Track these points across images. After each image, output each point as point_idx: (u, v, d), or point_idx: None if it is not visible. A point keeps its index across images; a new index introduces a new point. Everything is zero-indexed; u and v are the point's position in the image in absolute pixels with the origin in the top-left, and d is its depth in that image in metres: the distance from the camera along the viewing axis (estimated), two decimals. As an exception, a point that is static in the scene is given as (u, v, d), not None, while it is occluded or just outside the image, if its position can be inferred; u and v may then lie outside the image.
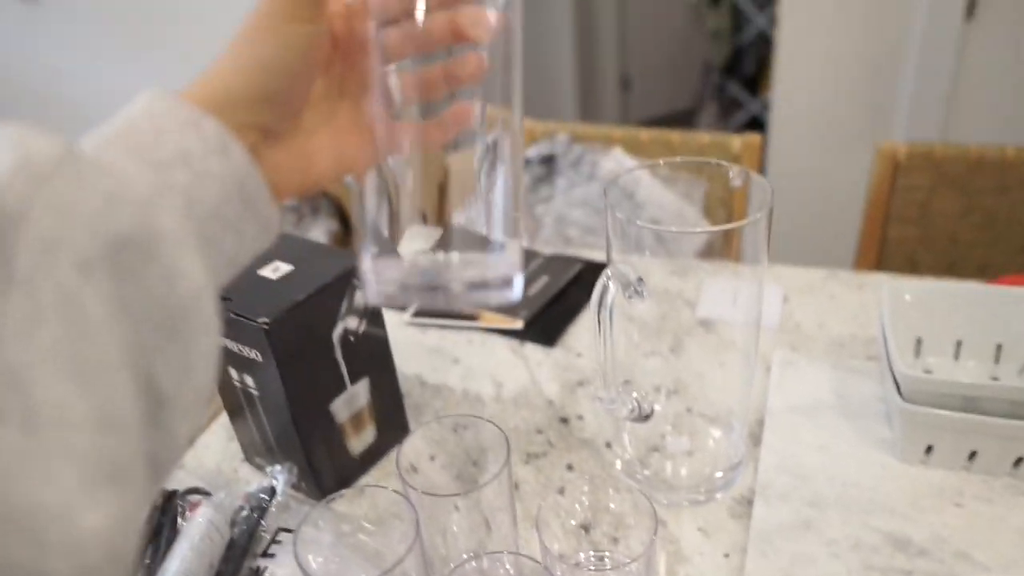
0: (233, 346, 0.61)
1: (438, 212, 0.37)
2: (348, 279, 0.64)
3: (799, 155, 1.89)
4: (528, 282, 0.96)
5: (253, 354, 0.60)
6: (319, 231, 1.84)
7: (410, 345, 0.88)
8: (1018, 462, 0.61)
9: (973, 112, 1.71)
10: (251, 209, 0.32)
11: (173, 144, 0.29)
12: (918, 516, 0.59)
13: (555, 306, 0.90)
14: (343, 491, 0.53)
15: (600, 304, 0.52)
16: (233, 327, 0.59)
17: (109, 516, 0.23)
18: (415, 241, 0.35)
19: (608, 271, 0.52)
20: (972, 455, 0.62)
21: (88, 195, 0.25)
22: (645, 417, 0.58)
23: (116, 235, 0.25)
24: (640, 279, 0.51)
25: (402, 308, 0.39)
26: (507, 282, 0.35)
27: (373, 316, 0.66)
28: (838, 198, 1.77)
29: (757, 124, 3.08)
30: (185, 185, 0.29)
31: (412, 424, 0.75)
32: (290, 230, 1.56)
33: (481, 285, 0.35)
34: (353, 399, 0.66)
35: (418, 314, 0.93)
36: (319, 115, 0.38)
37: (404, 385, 0.82)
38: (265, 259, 0.65)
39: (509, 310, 0.91)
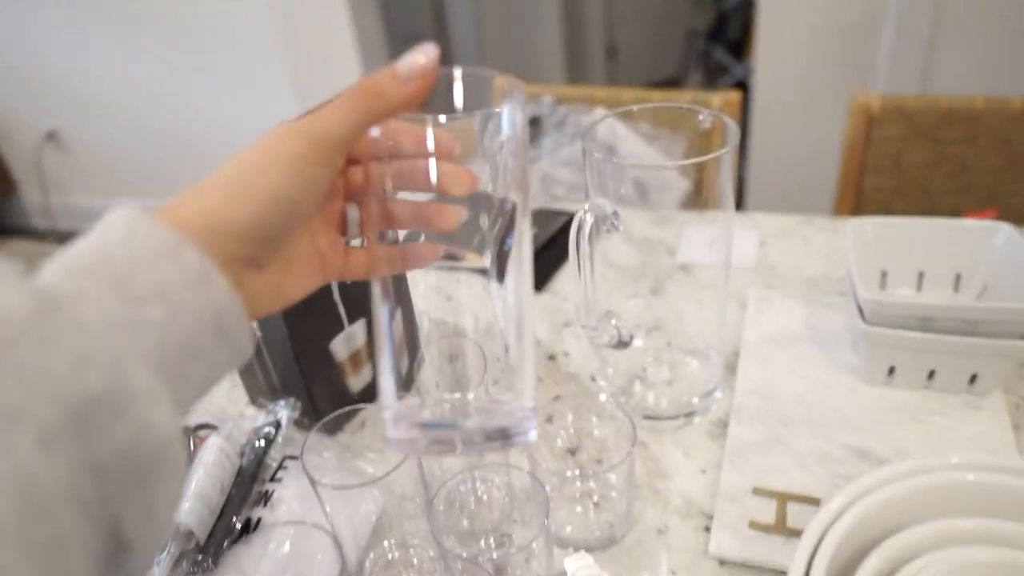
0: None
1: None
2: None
3: (782, 115, 1.92)
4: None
5: (256, 295, 0.63)
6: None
7: (412, 287, 0.92)
8: (973, 379, 0.65)
9: (951, 70, 1.75)
10: (225, 339, 0.30)
11: (148, 276, 0.28)
12: (880, 431, 0.64)
13: (542, 255, 0.93)
14: (340, 411, 0.57)
15: (578, 234, 0.55)
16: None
17: None
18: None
19: (586, 205, 0.56)
20: (931, 374, 0.66)
21: (55, 360, 0.24)
22: (624, 344, 0.62)
23: (84, 398, 0.24)
24: (615, 212, 0.55)
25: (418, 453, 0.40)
26: (524, 430, 0.36)
27: (368, 260, 0.70)
28: (819, 154, 1.81)
29: (743, 89, 3.10)
30: (159, 321, 0.28)
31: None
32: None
33: (498, 432, 0.35)
34: (351, 338, 0.70)
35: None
36: (299, 243, 0.37)
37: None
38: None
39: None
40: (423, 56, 0.33)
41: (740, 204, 1.89)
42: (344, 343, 0.70)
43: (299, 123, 0.33)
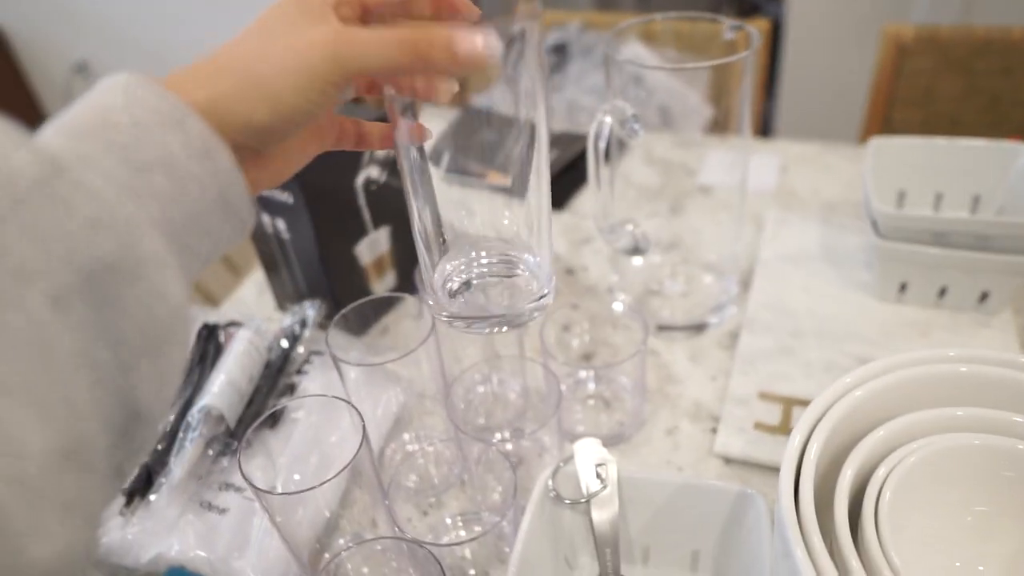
0: (266, 191, 0.67)
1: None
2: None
3: (815, 49, 1.88)
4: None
5: (285, 196, 0.65)
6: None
7: (438, 199, 0.94)
8: (983, 297, 0.66)
9: (990, 4, 1.70)
10: (229, 213, 0.30)
11: (153, 144, 0.27)
12: (888, 343, 0.65)
13: (565, 175, 0.95)
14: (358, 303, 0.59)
15: (597, 137, 0.56)
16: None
17: (57, 547, 0.22)
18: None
19: (605, 107, 0.57)
20: (942, 292, 0.67)
21: (66, 221, 0.23)
22: (640, 250, 0.64)
23: (96, 262, 0.24)
24: (635, 115, 0.56)
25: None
26: (541, 299, 0.40)
27: (394, 168, 0.72)
28: (850, 88, 1.78)
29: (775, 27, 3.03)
30: (165, 191, 0.27)
31: (429, 276, 0.81)
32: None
33: (517, 311, 0.40)
34: (375, 244, 0.72)
35: (450, 170, 0.98)
36: (299, 136, 0.37)
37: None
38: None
39: (520, 179, 0.96)
40: (485, 47, 0.30)
41: (768, 136, 1.88)
42: (368, 248, 0.72)
43: (335, 43, 0.30)
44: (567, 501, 0.49)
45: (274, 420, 0.59)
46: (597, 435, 0.62)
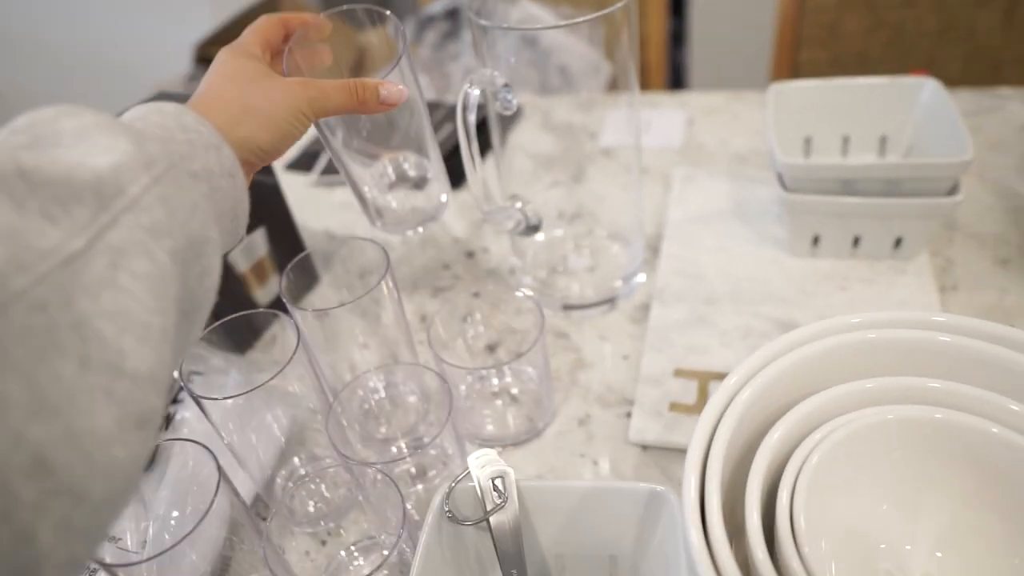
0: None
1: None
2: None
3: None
4: (433, 130, 0.95)
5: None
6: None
7: (318, 203, 0.88)
8: (898, 243, 0.63)
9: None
10: (236, 224, 0.38)
11: (202, 161, 0.34)
12: (805, 301, 0.62)
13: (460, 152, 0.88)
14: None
15: (464, 109, 0.51)
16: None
17: (132, 454, 0.26)
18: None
19: (471, 77, 0.51)
20: (856, 241, 0.64)
21: (186, 200, 0.31)
22: (533, 229, 0.59)
23: (193, 236, 0.31)
24: (506, 85, 0.50)
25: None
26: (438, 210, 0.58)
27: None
28: (759, 32, 1.75)
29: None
30: (206, 196, 0.34)
31: (321, 273, 0.75)
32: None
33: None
34: (250, 248, 0.66)
35: (325, 172, 0.92)
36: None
37: (311, 239, 0.82)
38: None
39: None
40: (400, 95, 0.46)
41: (681, 89, 1.84)
42: (244, 254, 0.65)
43: (307, 90, 0.42)
44: (468, 523, 0.44)
45: (148, 460, 0.52)
46: (506, 434, 0.57)
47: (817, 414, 0.38)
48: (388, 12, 0.49)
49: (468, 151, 0.52)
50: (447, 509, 0.44)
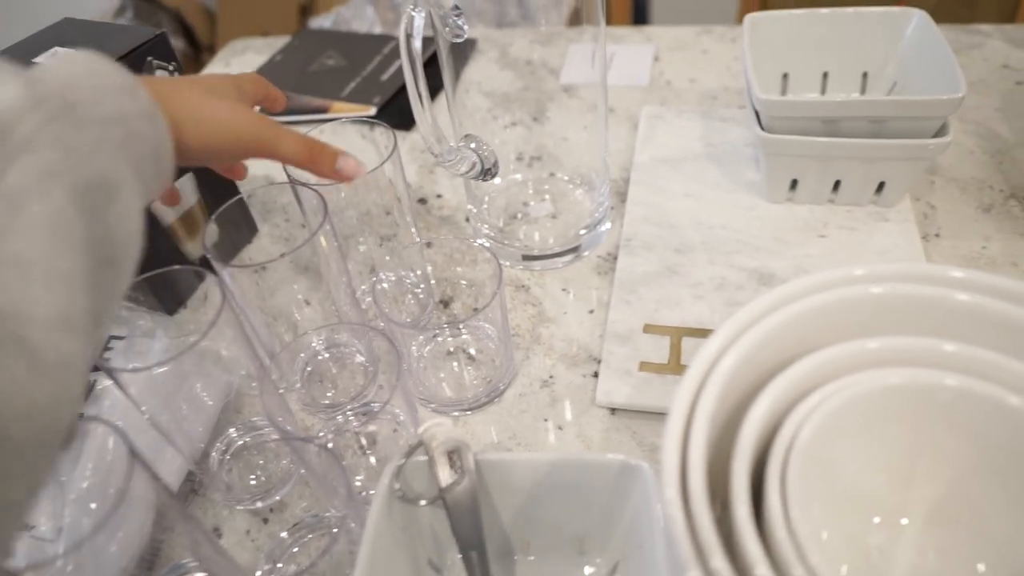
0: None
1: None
2: (142, 58, 0.55)
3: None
4: (382, 68, 0.88)
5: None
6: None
7: (257, 146, 0.81)
8: (880, 188, 0.59)
9: None
10: (159, 168, 0.36)
11: (113, 103, 0.33)
12: (783, 250, 0.58)
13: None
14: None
15: (408, 36, 0.45)
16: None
17: (51, 396, 0.26)
18: None
19: (413, 1, 0.45)
20: (836, 185, 0.60)
21: (84, 140, 0.29)
22: (489, 173, 0.53)
23: (97, 175, 0.29)
24: (456, 7, 0.44)
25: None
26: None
27: (185, 100, 0.58)
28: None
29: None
30: (121, 140, 0.32)
31: (260, 223, 0.69)
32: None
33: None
34: (177, 196, 0.59)
35: (262, 112, 0.84)
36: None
37: (250, 185, 0.75)
38: (43, 46, 0.56)
39: (361, 96, 0.83)
40: (357, 169, 0.46)
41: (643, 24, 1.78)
42: (169, 202, 0.59)
43: (261, 124, 0.43)
44: (421, 503, 0.40)
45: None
46: (463, 398, 0.53)
47: (814, 375, 0.34)
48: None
49: (414, 85, 0.47)
50: (397, 487, 0.39)
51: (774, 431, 0.34)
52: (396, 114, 0.80)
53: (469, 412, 0.52)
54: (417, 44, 0.45)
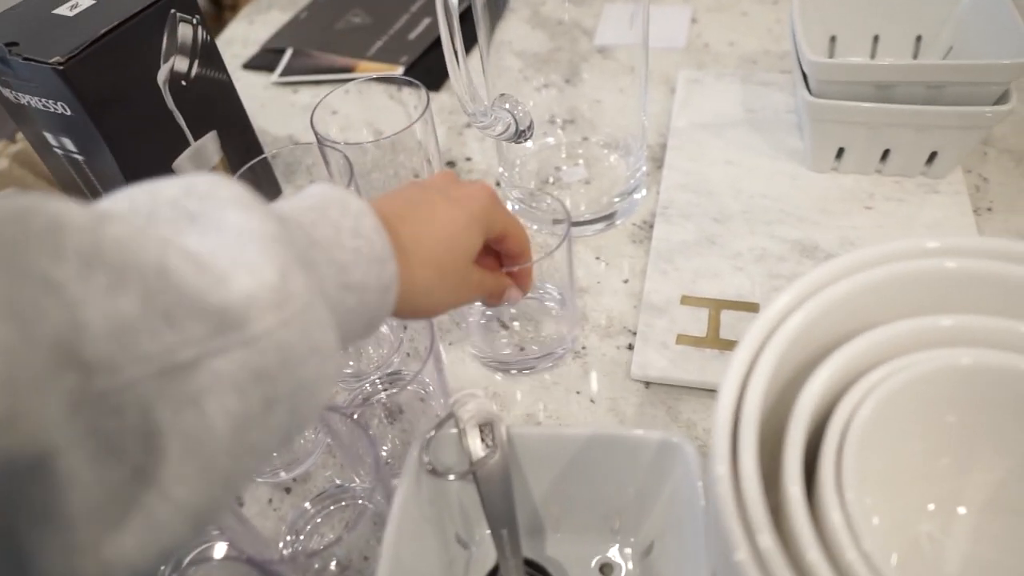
0: (37, 102, 0.51)
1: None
2: (165, 10, 0.53)
3: None
4: (409, 26, 0.85)
5: (59, 107, 0.50)
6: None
7: (281, 106, 0.79)
8: (931, 157, 0.56)
9: None
10: (366, 332, 0.34)
11: (361, 273, 0.32)
12: (827, 221, 0.55)
13: (440, 48, 0.80)
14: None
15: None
16: (30, 75, 0.49)
17: (137, 572, 0.24)
18: None
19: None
20: (885, 155, 0.57)
21: (301, 348, 0.27)
22: (524, 135, 0.51)
23: (298, 383, 0.27)
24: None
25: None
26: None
27: (207, 56, 0.56)
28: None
29: None
30: (350, 309, 0.31)
31: (284, 184, 0.67)
32: None
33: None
34: (201, 155, 0.58)
35: (286, 72, 0.82)
36: None
37: (274, 145, 0.73)
38: (64, -4, 0.54)
39: (388, 55, 0.81)
40: (516, 297, 0.44)
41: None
42: (192, 161, 0.57)
43: (483, 288, 0.41)
44: (451, 477, 0.38)
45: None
46: (503, 361, 0.51)
47: (877, 351, 0.32)
48: None
49: (450, 43, 0.44)
50: (426, 460, 0.38)
51: (830, 408, 0.32)
52: (424, 74, 0.78)
53: (501, 380, 0.50)
54: (454, 7, 0.43)
